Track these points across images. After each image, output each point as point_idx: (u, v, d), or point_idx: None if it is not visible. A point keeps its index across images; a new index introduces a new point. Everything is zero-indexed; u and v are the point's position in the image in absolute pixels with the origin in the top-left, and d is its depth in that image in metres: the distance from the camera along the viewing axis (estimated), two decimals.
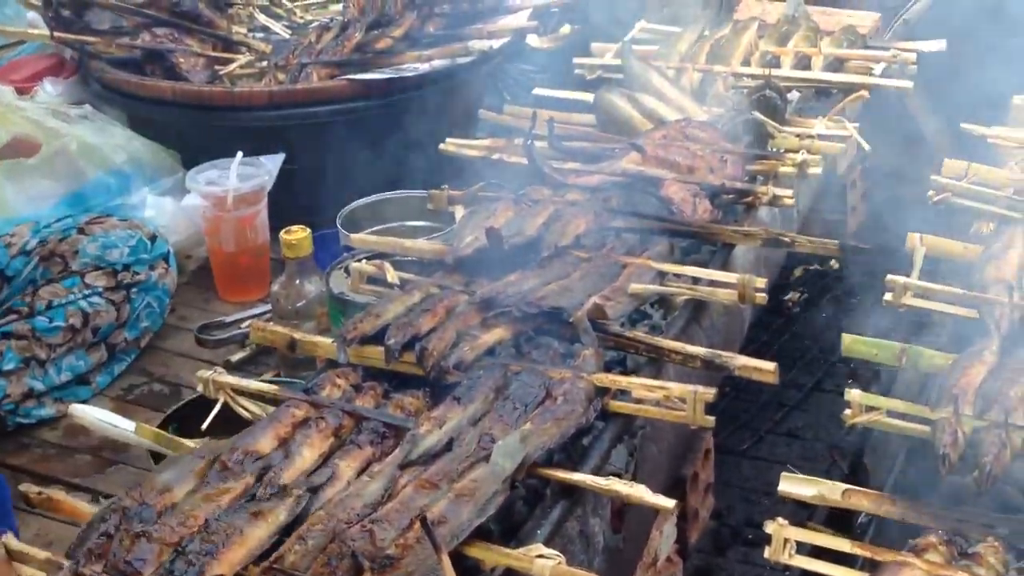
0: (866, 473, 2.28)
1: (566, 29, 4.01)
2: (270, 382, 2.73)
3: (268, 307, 3.41)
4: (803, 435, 3.02)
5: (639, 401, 2.05)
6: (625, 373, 2.27)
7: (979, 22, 4.33)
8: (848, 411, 2.01)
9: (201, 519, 1.74)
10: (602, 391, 2.05)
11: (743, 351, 2.74)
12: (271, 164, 3.63)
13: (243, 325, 3.45)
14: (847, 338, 2.21)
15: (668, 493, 1.85)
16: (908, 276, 2.36)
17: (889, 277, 2.34)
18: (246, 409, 2.13)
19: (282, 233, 3.02)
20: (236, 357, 3.32)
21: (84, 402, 3.16)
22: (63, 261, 3.19)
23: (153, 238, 3.37)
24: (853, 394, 2.01)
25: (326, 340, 2.26)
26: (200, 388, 2.18)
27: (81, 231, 3.25)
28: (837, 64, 3.34)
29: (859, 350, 2.21)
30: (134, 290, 3.28)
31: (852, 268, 3.15)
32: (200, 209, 3.60)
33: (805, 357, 3.25)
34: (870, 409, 2.00)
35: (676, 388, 2.01)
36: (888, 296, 2.33)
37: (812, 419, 3.00)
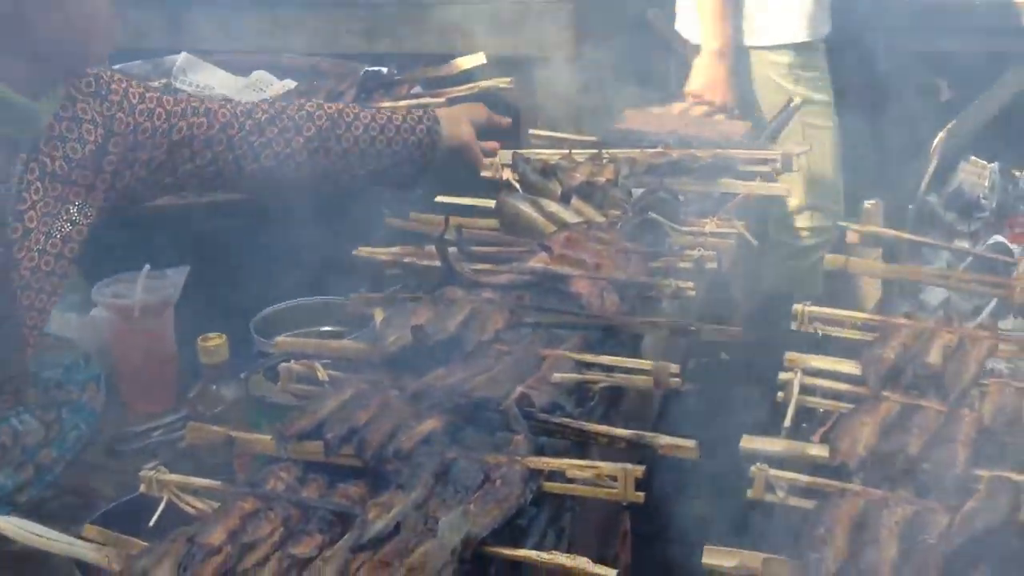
0: None
1: None
2: None
3: (176, 416, 3.49)
4: None
5: (571, 480, 2.17)
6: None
7: None
8: None
9: None
10: (537, 473, 2.17)
11: None
12: (176, 276, 3.70)
13: (153, 435, 3.52)
14: (709, 551, 1.99)
15: None
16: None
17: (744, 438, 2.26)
18: (191, 506, 2.19)
19: (199, 340, 3.08)
20: (148, 467, 3.35)
21: None
22: None
23: (88, 359, 3.37)
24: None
25: (264, 437, 2.33)
26: (143, 487, 2.24)
27: None
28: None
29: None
30: (65, 409, 3.27)
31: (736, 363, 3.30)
32: (106, 322, 3.64)
33: None
34: None
35: (607, 467, 2.14)
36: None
37: None
